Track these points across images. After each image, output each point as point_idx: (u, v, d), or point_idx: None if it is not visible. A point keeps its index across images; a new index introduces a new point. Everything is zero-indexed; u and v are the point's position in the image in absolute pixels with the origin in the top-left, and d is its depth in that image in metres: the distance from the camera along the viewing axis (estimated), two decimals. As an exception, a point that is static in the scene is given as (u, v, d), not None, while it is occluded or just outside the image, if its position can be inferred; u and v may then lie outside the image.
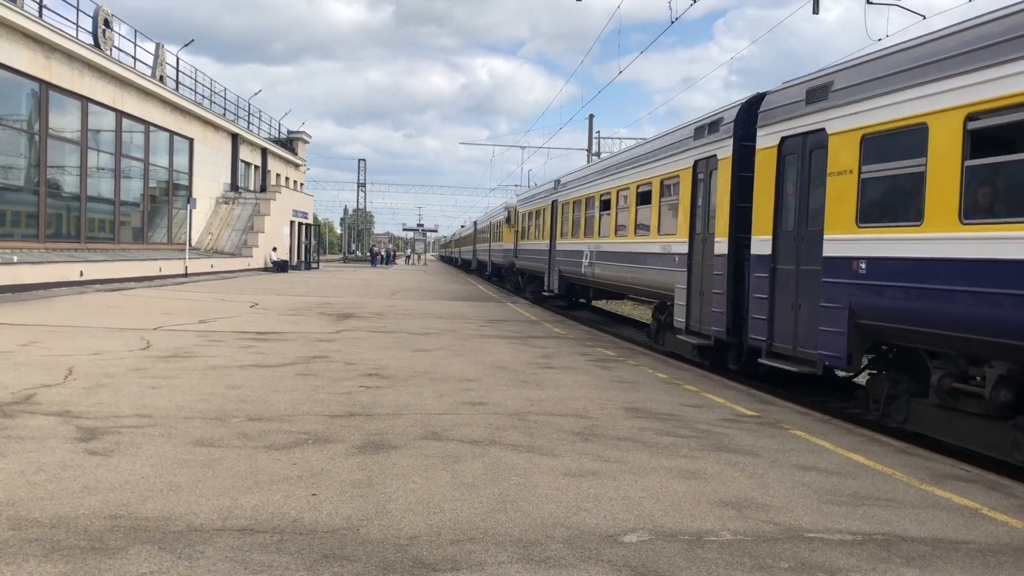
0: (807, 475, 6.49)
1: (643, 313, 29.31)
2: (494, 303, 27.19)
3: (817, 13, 19.84)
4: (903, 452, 7.63)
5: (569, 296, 25.84)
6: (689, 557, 4.57)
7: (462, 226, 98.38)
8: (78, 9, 29.75)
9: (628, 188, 17.78)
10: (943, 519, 5.52)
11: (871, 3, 19.74)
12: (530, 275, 31.53)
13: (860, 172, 9.17)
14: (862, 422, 9.96)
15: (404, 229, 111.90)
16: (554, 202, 26.08)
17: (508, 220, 37.32)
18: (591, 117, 49.84)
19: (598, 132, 50.98)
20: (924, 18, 19.35)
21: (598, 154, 47.69)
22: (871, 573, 4.46)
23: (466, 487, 5.73)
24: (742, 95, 17.36)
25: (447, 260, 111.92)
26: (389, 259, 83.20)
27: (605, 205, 19.89)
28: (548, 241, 26.53)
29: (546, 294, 27.07)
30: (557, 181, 26.14)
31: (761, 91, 12.14)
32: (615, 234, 18.86)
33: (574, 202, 23.23)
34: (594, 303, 29.37)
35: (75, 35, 28.64)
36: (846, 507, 5.67)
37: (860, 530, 5.19)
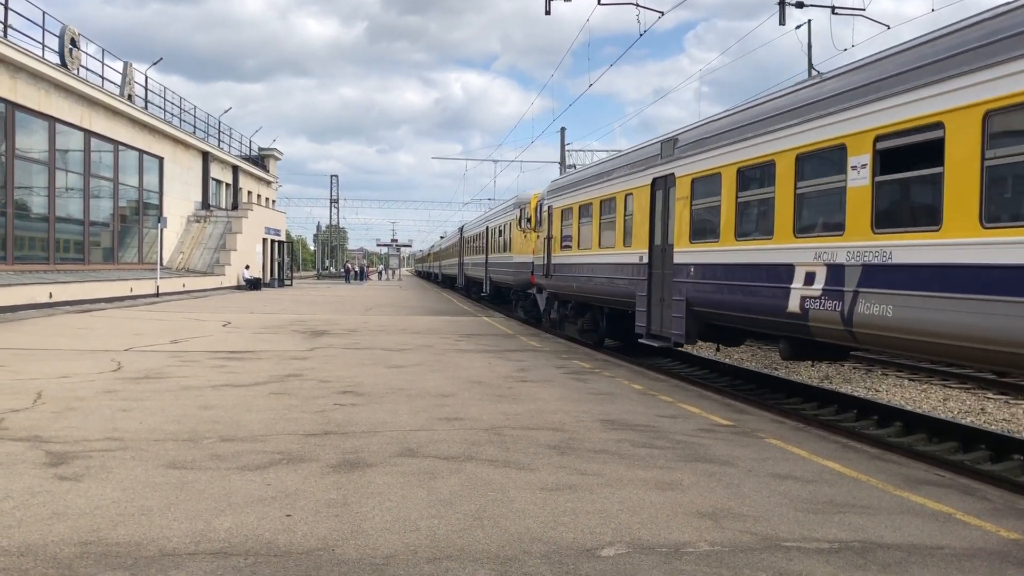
0: (783, 484, 6.51)
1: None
2: (469, 317, 27.15)
3: (783, 24, 20.08)
4: (877, 458, 7.68)
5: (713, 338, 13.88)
6: (667, 570, 4.56)
7: (441, 237, 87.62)
8: (44, 28, 29.53)
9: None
10: (918, 525, 5.55)
11: (836, 13, 19.98)
12: (580, 305, 19.92)
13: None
14: (837, 429, 10.05)
15: (378, 244, 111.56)
16: (666, 178, 14.28)
17: (524, 222, 26.34)
18: (563, 130, 49.91)
19: (570, 143, 51.17)
20: (888, 28, 19.63)
21: (573, 166, 47.46)
22: (848, 581, 4.47)
23: (442, 504, 5.69)
24: (714, 107, 17.40)
25: (424, 275, 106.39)
26: (362, 275, 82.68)
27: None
28: (647, 247, 15.05)
29: (652, 343, 14.88)
30: (674, 140, 14.11)
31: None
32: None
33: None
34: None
35: (41, 55, 28.38)
36: (822, 515, 5.69)
37: (836, 538, 5.20)
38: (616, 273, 16.55)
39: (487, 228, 36.73)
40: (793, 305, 10.17)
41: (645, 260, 14.98)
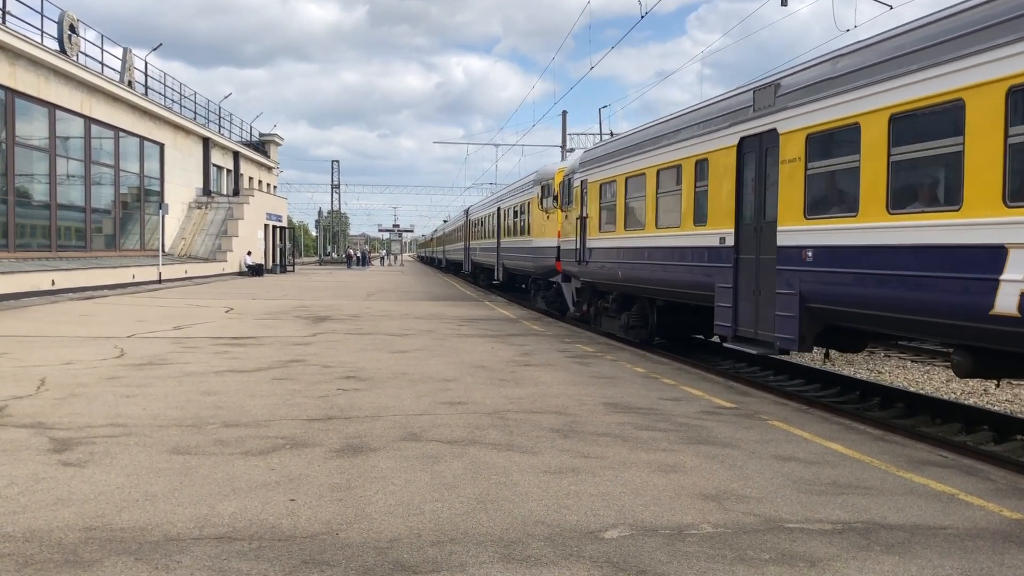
0: (786, 465, 6.51)
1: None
2: (472, 302, 27.15)
3: (786, 5, 19.97)
4: (880, 440, 7.68)
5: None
6: (670, 551, 4.57)
7: (444, 220, 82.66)
8: (42, 14, 29.41)
9: None
10: (921, 505, 5.56)
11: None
12: (625, 297, 16.83)
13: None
14: (840, 411, 10.04)
15: (380, 230, 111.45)
16: (762, 136, 11.41)
17: (547, 200, 22.86)
18: (564, 114, 49.81)
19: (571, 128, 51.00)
20: (891, 8, 19.51)
21: (571, 150, 47.11)
22: (851, 562, 4.48)
23: (446, 488, 5.70)
24: (716, 89, 16.44)
25: (427, 261, 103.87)
26: (364, 261, 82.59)
27: None
28: (731, 226, 12.15)
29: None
30: (774, 86, 11.18)
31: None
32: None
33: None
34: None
35: (40, 41, 28.28)
36: (825, 496, 5.70)
37: (839, 519, 5.21)
38: (680, 259, 13.43)
39: (498, 210, 32.52)
40: (1006, 304, 7.27)
41: (729, 242, 11.85)
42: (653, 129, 15.09)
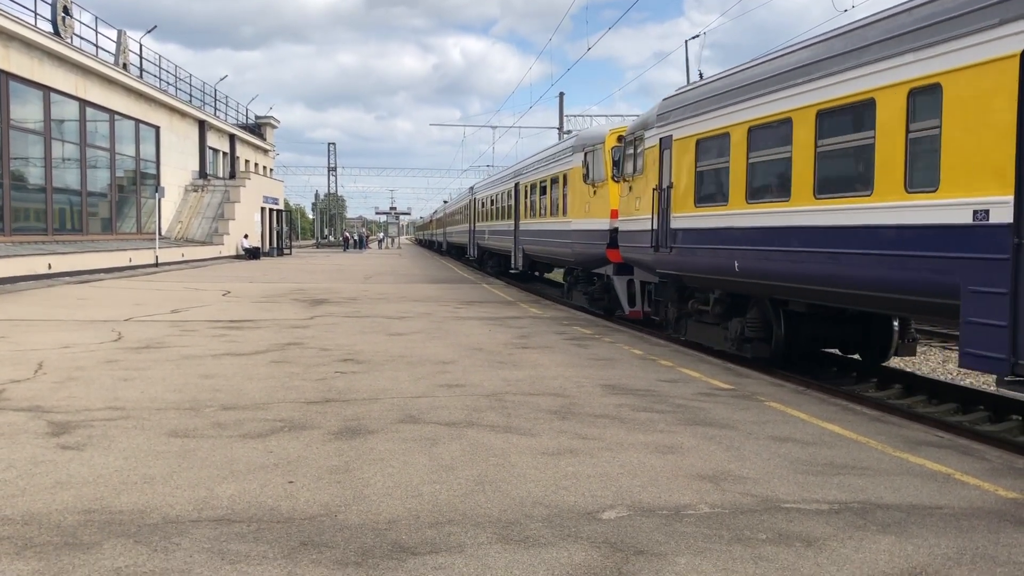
0: (783, 446, 6.53)
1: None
2: (469, 284, 27.14)
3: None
4: (877, 420, 7.70)
5: None
6: (668, 532, 4.59)
7: (445, 201, 76.12)
8: (36, -4, 29.18)
9: None
10: (917, 485, 5.58)
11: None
12: (735, 297, 12.49)
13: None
14: (837, 392, 10.07)
15: (377, 212, 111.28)
16: None
17: (594, 170, 18.16)
18: (561, 95, 49.69)
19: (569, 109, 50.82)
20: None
21: (568, 132, 46.53)
22: (847, 541, 4.50)
23: (444, 469, 5.72)
24: (715, 69, 15.39)
25: (425, 244, 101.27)
26: (362, 243, 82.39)
27: None
28: (998, 191, 7.11)
29: None
30: None
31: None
32: None
33: None
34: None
35: (33, 23, 28.09)
36: (822, 477, 5.72)
37: (836, 499, 5.23)
38: (871, 244, 8.68)
39: (516, 186, 27.25)
40: None
41: (1000, 217, 7.04)
42: (803, 53, 10.11)
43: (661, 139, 13.74)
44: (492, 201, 34.04)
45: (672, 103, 13.68)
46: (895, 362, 14.09)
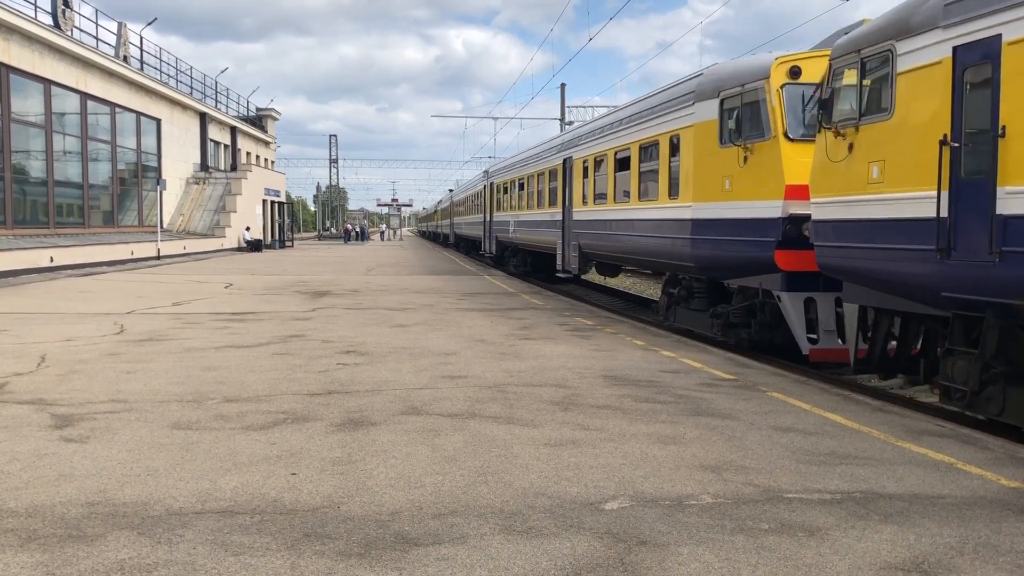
0: (785, 436, 6.54)
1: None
2: (471, 276, 27.14)
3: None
4: (879, 410, 7.70)
5: None
6: (670, 522, 4.59)
7: (450, 190, 68.08)
8: (36, -11, 29.12)
9: None
10: (919, 475, 5.58)
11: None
12: None
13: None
14: (839, 382, 10.06)
15: (379, 204, 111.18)
16: None
17: (745, 128, 11.45)
18: (563, 86, 49.55)
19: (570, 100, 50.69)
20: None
21: (570, 123, 46.12)
22: (849, 531, 4.51)
23: (447, 461, 5.73)
24: (718, 59, 14.05)
25: (429, 236, 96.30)
26: (363, 235, 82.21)
27: None
28: None
29: None
30: None
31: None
32: None
33: None
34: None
35: (34, 16, 28.05)
36: (824, 467, 5.72)
37: (838, 489, 5.24)
38: None
39: (567, 162, 20.71)
40: None
41: None
42: None
43: (962, 48, 7.39)
44: (521, 186, 27.53)
45: None
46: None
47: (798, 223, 10.55)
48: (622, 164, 16.44)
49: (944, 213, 7.48)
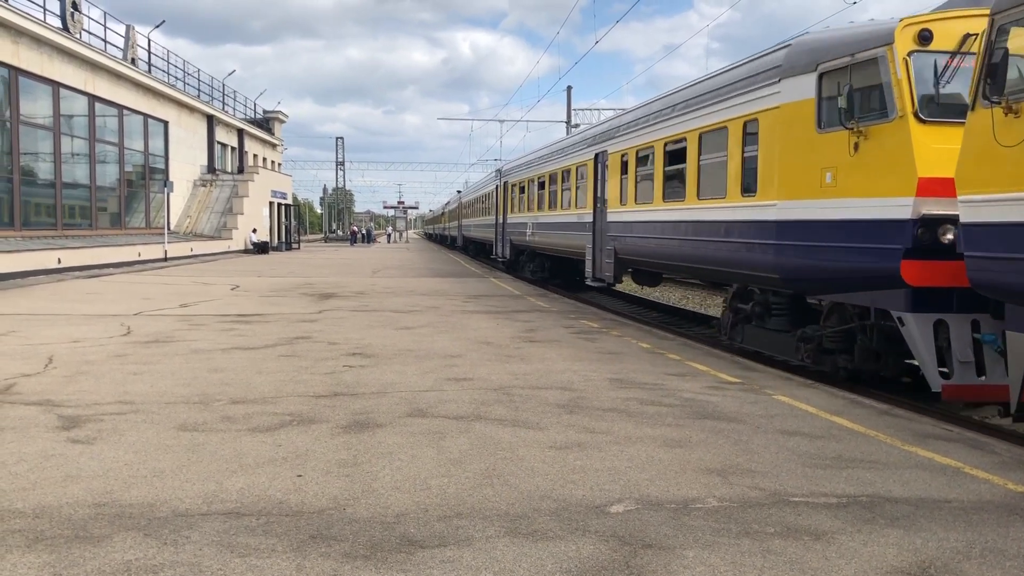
0: (791, 440, 6.52)
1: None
2: (476, 279, 27.14)
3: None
4: (886, 414, 7.69)
5: None
6: (676, 525, 4.59)
7: (458, 192, 64.67)
8: (45, -8, 29.24)
9: None
10: (926, 479, 5.57)
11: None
12: None
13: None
14: (845, 385, 10.04)
15: (385, 207, 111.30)
16: None
17: (857, 106, 9.10)
18: (569, 89, 49.63)
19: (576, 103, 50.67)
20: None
21: (576, 125, 46.21)
22: (856, 535, 4.49)
23: (452, 463, 5.73)
24: (723, 62, 14.64)
25: (435, 239, 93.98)
26: (369, 237, 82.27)
27: None
28: None
29: None
30: None
31: None
32: None
33: None
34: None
35: (43, 19, 28.16)
36: (830, 470, 5.71)
37: (844, 492, 5.22)
38: None
39: (600, 156, 18.58)
40: None
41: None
42: None
43: None
44: (541, 184, 25.31)
45: None
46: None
47: (933, 226, 8.42)
48: (674, 157, 14.19)
49: None
